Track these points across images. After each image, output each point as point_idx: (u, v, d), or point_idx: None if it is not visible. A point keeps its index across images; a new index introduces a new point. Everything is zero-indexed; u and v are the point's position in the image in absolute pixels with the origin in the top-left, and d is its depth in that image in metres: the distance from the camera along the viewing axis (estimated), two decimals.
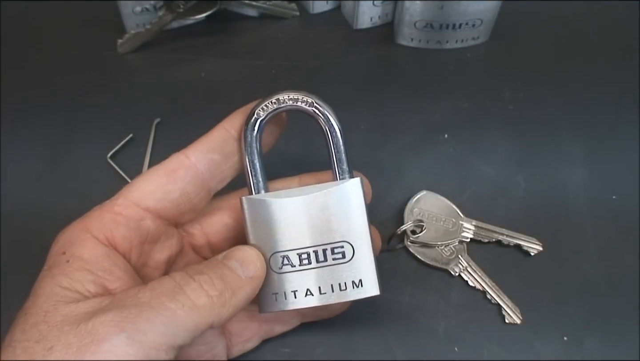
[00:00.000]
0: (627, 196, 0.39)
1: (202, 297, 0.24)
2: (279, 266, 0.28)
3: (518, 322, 0.33)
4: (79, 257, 0.25)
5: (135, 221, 0.27)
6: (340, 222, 0.28)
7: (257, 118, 0.28)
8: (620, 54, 0.47)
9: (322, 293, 0.28)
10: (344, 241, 0.28)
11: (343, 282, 0.28)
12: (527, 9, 0.50)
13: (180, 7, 0.45)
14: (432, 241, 0.36)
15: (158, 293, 0.24)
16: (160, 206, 0.27)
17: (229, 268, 0.26)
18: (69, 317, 0.23)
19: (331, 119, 0.28)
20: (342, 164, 0.29)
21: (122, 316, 0.22)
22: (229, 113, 0.30)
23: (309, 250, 0.28)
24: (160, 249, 0.29)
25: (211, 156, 0.28)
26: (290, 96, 0.28)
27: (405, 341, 0.33)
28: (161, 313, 0.23)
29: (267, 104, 0.28)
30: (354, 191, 0.28)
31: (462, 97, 0.44)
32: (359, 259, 0.28)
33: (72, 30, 0.48)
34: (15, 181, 0.39)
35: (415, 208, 0.37)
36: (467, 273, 0.35)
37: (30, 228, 0.37)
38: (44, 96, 0.44)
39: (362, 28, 0.49)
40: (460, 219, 0.37)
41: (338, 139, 0.29)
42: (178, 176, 0.27)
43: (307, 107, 0.28)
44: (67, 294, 0.24)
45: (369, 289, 0.28)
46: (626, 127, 0.42)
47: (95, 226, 0.26)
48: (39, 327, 0.23)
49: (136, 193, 0.27)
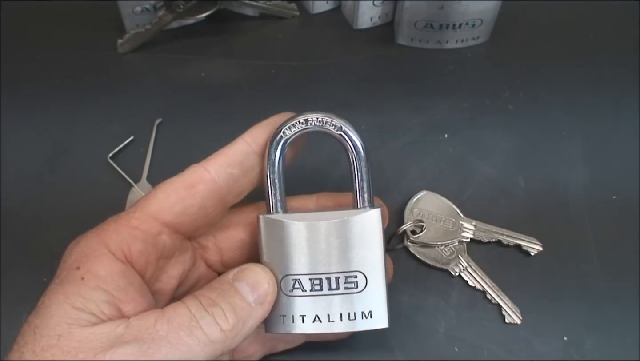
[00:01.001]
0: (627, 196, 0.39)
1: (216, 332, 0.24)
2: (290, 289, 0.28)
3: (518, 322, 0.33)
4: (94, 274, 0.24)
5: (153, 236, 0.26)
6: (356, 251, 0.27)
7: (283, 137, 0.28)
8: (620, 54, 0.47)
9: (330, 321, 0.28)
10: (358, 271, 0.28)
11: (353, 312, 0.28)
12: (527, 9, 0.50)
13: (180, 7, 0.45)
14: (432, 241, 0.36)
15: (175, 327, 0.24)
16: (178, 221, 0.27)
17: (240, 296, 0.26)
18: (84, 344, 0.22)
19: (359, 145, 0.28)
20: (364, 193, 0.28)
21: (142, 351, 0.22)
22: (229, 113, 0.30)
23: (321, 276, 0.28)
24: (174, 263, 0.28)
25: (230, 171, 0.27)
26: (319, 119, 0.28)
27: (405, 341, 0.33)
28: (179, 348, 0.23)
29: (294, 123, 0.28)
30: (373, 222, 0.28)
31: (462, 97, 0.44)
32: (371, 291, 0.28)
33: (72, 30, 0.48)
34: (15, 181, 0.39)
35: (415, 208, 0.37)
36: (467, 273, 0.35)
37: (30, 227, 0.37)
38: (44, 96, 0.44)
39: (362, 28, 0.49)
40: (460, 219, 0.37)
41: (363, 167, 0.28)
42: (197, 190, 0.27)
43: (334, 132, 0.28)
44: (81, 316, 0.23)
45: (378, 322, 0.28)
46: (626, 127, 0.42)
47: (113, 241, 0.25)
48: (52, 351, 0.22)
49: (155, 206, 0.26)
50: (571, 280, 0.35)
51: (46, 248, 0.26)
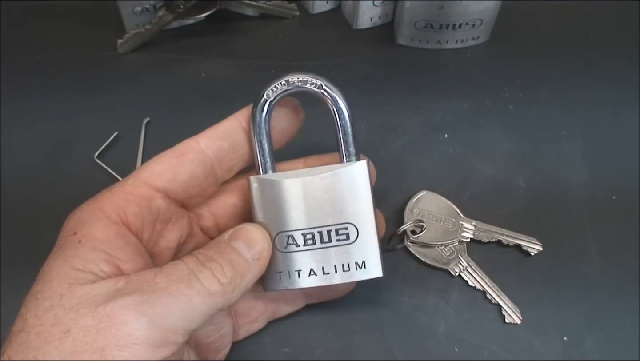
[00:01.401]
0: (627, 196, 0.39)
1: (215, 284, 0.25)
2: (284, 246, 0.29)
3: (518, 322, 0.33)
4: (91, 236, 0.25)
5: (147, 200, 0.27)
6: (345, 204, 0.28)
7: (267, 99, 0.29)
8: (620, 54, 0.47)
9: (325, 273, 0.28)
10: (348, 223, 0.28)
11: (346, 263, 0.28)
12: (527, 9, 0.50)
13: (180, 7, 0.45)
14: (432, 241, 0.36)
15: (174, 279, 0.24)
16: (169, 187, 0.28)
17: (236, 253, 0.27)
18: (85, 299, 0.23)
19: (339, 101, 0.29)
20: (349, 147, 0.29)
21: (143, 301, 0.23)
22: (229, 113, 0.30)
23: (313, 231, 0.28)
24: (171, 229, 0.29)
25: (220, 143, 0.29)
26: (300, 78, 0.29)
27: (405, 341, 0.33)
28: (179, 299, 0.23)
29: (276, 85, 0.29)
30: (361, 174, 0.28)
31: (462, 97, 0.44)
32: (363, 241, 0.28)
33: (72, 30, 0.48)
34: (15, 181, 0.39)
35: (415, 208, 0.37)
36: (467, 273, 0.35)
37: (30, 227, 0.37)
38: (43, 96, 0.44)
39: (362, 28, 0.49)
40: (460, 219, 0.37)
41: (346, 122, 0.29)
42: (187, 159, 0.28)
43: (315, 90, 0.29)
44: (81, 276, 0.24)
45: (372, 271, 0.28)
46: (626, 127, 0.42)
47: (107, 205, 0.26)
48: (55, 311, 0.23)
49: (147, 173, 0.28)
50: (571, 280, 0.35)
51: (46, 247, 0.26)
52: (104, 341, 0.22)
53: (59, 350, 0.22)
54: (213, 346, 0.30)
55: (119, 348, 0.22)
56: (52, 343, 0.22)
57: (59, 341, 0.22)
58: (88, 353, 0.21)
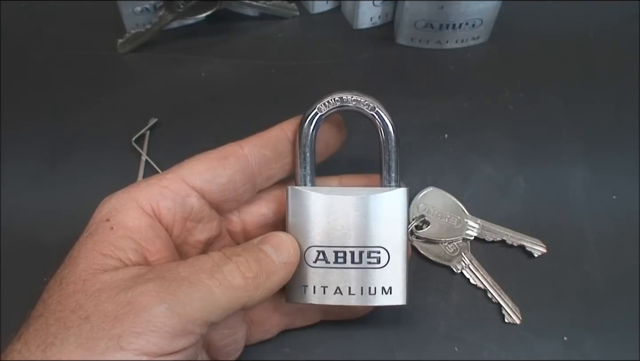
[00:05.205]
0: (627, 196, 0.39)
1: (238, 278, 0.25)
2: (313, 260, 0.29)
3: (518, 322, 0.33)
4: (123, 225, 0.25)
5: (182, 197, 0.27)
6: (381, 228, 0.28)
7: (317, 113, 0.29)
8: (620, 55, 0.47)
9: (350, 294, 0.28)
10: (381, 247, 0.28)
11: (373, 286, 0.28)
12: (527, 9, 0.50)
13: (180, 7, 0.45)
14: (436, 237, 0.36)
15: (197, 270, 0.24)
16: (206, 188, 0.28)
17: (264, 253, 0.27)
18: (107, 285, 0.23)
19: (389, 127, 0.29)
20: (391, 172, 0.29)
21: (164, 288, 0.23)
22: (229, 113, 0.30)
23: (345, 250, 0.28)
24: (201, 229, 0.29)
25: (263, 152, 0.29)
26: (354, 97, 0.29)
27: (405, 341, 0.33)
28: (200, 288, 0.23)
29: (329, 100, 0.29)
30: (399, 201, 0.29)
31: (462, 97, 0.44)
32: (393, 267, 0.28)
33: (72, 30, 0.48)
34: (15, 181, 0.39)
35: (421, 203, 0.37)
36: (469, 271, 0.35)
37: (30, 227, 0.37)
38: (44, 96, 0.44)
39: (362, 28, 0.49)
40: (465, 217, 0.37)
41: (392, 147, 0.29)
42: (228, 162, 0.28)
43: (367, 111, 0.29)
44: (107, 262, 0.24)
45: (397, 298, 0.29)
46: (626, 127, 0.42)
47: (142, 196, 0.26)
48: (77, 296, 0.23)
49: (186, 170, 0.28)
50: (571, 280, 0.35)
51: (46, 248, 0.26)
52: (121, 328, 0.22)
53: (76, 336, 0.21)
54: (224, 350, 0.30)
55: (136, 335, 0.22)
56: (70, 330, 0.22)
57: (77, 328, 0.22)
58: (105, 340, 0.21)
